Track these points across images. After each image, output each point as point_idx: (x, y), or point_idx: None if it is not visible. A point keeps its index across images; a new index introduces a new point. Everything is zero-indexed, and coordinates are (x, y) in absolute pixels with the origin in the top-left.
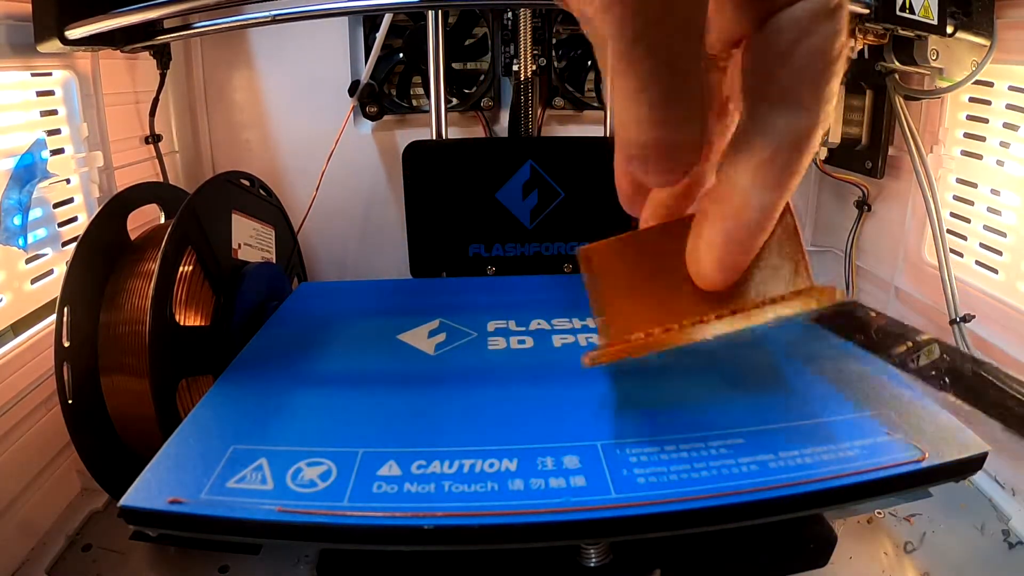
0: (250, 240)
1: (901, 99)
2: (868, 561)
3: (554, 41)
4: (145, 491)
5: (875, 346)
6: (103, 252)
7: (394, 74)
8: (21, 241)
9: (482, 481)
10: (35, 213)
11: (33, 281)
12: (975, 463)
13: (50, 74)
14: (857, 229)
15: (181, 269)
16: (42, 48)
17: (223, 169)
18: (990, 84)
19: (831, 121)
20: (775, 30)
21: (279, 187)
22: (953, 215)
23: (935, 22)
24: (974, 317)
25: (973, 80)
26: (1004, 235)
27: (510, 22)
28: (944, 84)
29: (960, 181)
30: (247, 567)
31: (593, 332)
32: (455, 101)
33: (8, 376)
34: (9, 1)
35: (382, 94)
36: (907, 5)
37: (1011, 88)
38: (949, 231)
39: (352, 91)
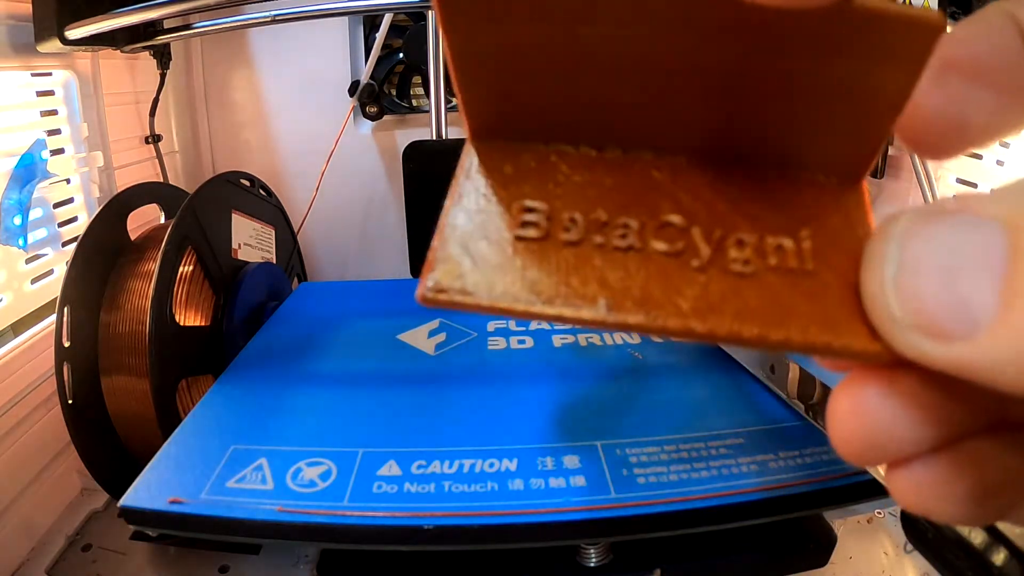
0: (250, 240)
1: None
2: (868, 561)
3: None
4: (145, 491)
5: None
6: (103, 252)
7: (394, 74)
8: (21, 241)
9: (482, 481)
10: (35, 213)
11: (33, 281)
12: None
13: (50, 74)
14: None
15: (181, 269)
16: (42, 48)
17: (223, 169)
18: None
19: None
20: None
21: (279, 187)
22: None
23: None
24: None
25: None
26: None
27: None
28: None
29: (960, 181)
30: (247, 567)
31: (594, 333)
32: (455, 101)
33: (8, 376)
34: (9, 1)
35: (382, 94)
36: (907, 3)
37: None
38: None
39: (352, 91)
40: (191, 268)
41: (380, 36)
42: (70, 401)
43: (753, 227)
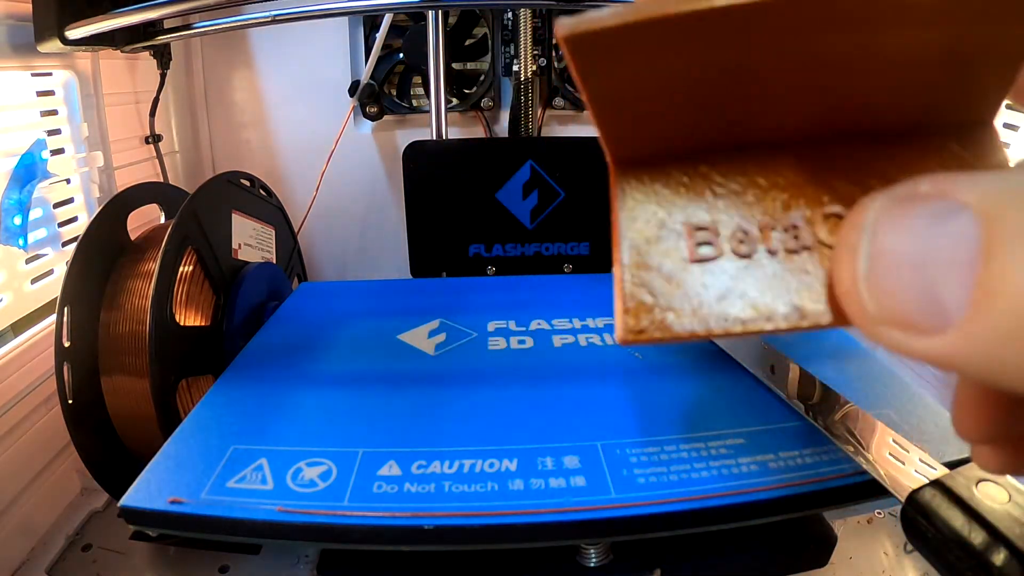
0: (250, 240)
1: None
2: (868, 561)
3: (554, 41)
4: (145, 491)
5: None
6: (103, 252)
7: (394, 74)
8: (21, 241)
9: (482, 481)
10: (35, 213)
11: (33, 281)
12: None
13: (50, 74)
14: None
15: (181, 269)
16: (42, 48)
17: (223, 169)
18: None
19: None
20: None
21: (279, 187)
22: None
23: None
24: None
25: None
26: None
27: (510, 22)
28: None
29: None
30: (247, 567)
31: (593, 333)
32: (455, 101)
33: (8, 376)
34: (9, 1)
35: (382, 94)
36: None
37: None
38: None
39: (352, 91)
40: (191, 268)
41: (380, 36)
42: (70, 401)
43: None
